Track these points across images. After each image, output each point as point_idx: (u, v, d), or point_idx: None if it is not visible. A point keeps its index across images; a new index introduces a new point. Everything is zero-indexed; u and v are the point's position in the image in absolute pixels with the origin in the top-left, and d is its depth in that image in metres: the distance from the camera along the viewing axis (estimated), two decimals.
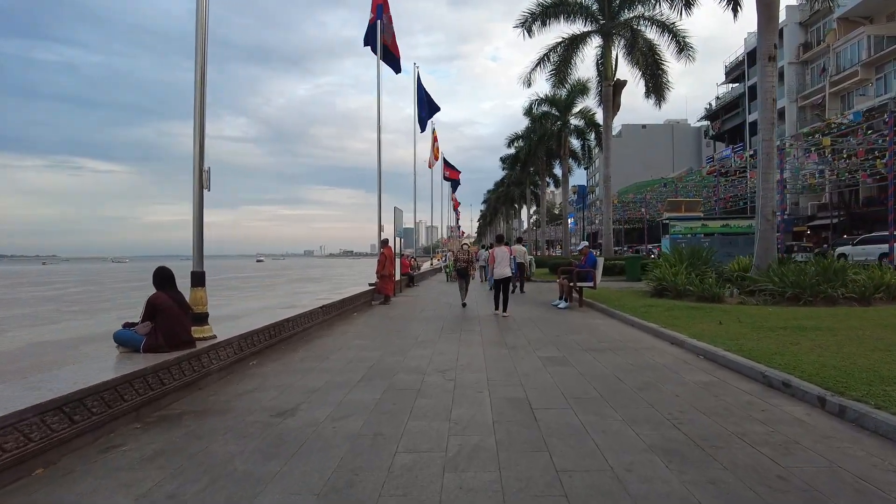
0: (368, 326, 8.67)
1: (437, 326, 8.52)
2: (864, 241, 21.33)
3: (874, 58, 33.70)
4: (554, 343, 6.76)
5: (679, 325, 7.30)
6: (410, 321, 9.30)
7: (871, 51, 34.10)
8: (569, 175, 34.09)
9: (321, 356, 6.19)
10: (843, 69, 36.39)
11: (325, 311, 8.64)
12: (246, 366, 5.63)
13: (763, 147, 10.72)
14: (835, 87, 36.90)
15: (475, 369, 5.30)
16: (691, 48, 20.71)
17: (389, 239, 14.18)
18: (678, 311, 8.66)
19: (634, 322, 8.17)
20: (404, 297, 14.80)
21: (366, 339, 7.31)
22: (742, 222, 14.39)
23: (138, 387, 3.86)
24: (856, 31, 35.62)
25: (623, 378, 4.83)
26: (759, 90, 10.89)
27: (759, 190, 10.83)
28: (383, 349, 6.54)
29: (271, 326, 6.47)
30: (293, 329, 7.20)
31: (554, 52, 23.37)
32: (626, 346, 6.51)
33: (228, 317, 7.18)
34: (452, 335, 7.58)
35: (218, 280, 42.48)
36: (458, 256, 11.94)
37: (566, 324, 8.61)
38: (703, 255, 11.99)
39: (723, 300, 9.74)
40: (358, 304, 11.13)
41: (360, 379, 4.98)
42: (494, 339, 7.21)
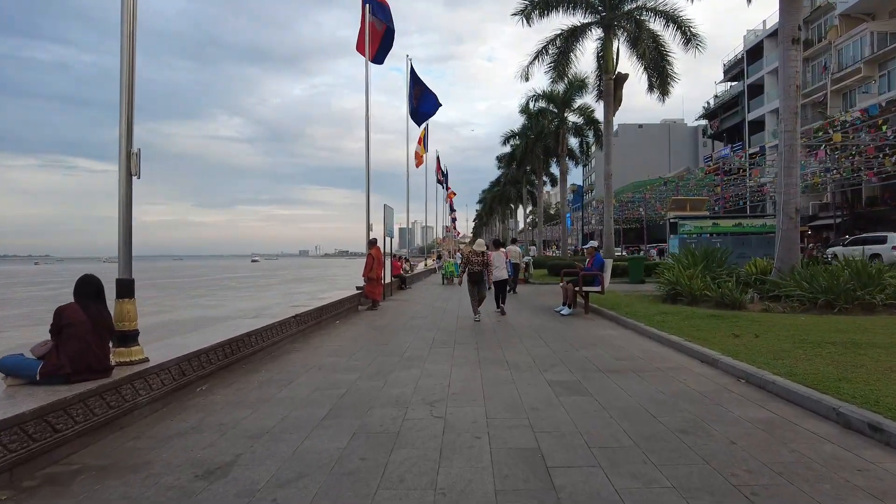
0: (349, 338, 7.63)
1: (427, 338, 7.50)
2: (854, 241, 20.59)
3: (878, 54, 33.01)
4: (563, 361, 5.76)
5: (705, 338, 6.33)
6: (398, 331, 8.28)
7: (875, 47, 33.42)
8: (567, 173, 33.14)
9: (285, 379, 5.15)
10: (845, 66, 35.70)
11: (299, 321, 7.59)
12: (191, 393, 4.59)
13: (785, 139, 9.78)
14: (837, 85, 36.22)
15: (471, 400, 4.29)
16: (699, 38, 19.82)
17: (378, 238, 13.15)
18: (698, 321, 7.69)
19: (652, 334, 7.19)
20: (395, 301, 13.77)
21: (343, 356, 6.28)
22: (755, 221, 13.48)
23: (8, 440, 2.82)
24: (858, 27, 34.94)
25: (658, 414, 3.84)
26: (781, 76, 9.95)
27: (781, 186, 9.89)
28: (361, 369, 5.51)
29: (228, 343, 5.43)
30: (257, 344, 6.16)
31: (552, 45, 22.42)
32: (649, 365, 5.52)
33: (214, 319, 6.13)
34: (444, 349, 6.56)
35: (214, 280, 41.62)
36: (470, 258, 9.55)
37: (574, 335, 7.61)
38: (718, 256, 11.04)
39: (745, 307, 8.79)
40: (342, 311, 10.09)
41: (325, 415, 3.96)
42: (493, 354, 6.20)
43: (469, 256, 9.64)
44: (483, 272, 9.54)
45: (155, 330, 10.76)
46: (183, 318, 13.80)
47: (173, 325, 11.86)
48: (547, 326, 8.43)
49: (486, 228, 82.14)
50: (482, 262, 9.52)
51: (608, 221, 22.03)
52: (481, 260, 9.52)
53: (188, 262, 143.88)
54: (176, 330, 9.94)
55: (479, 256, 9.54)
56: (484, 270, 9.54)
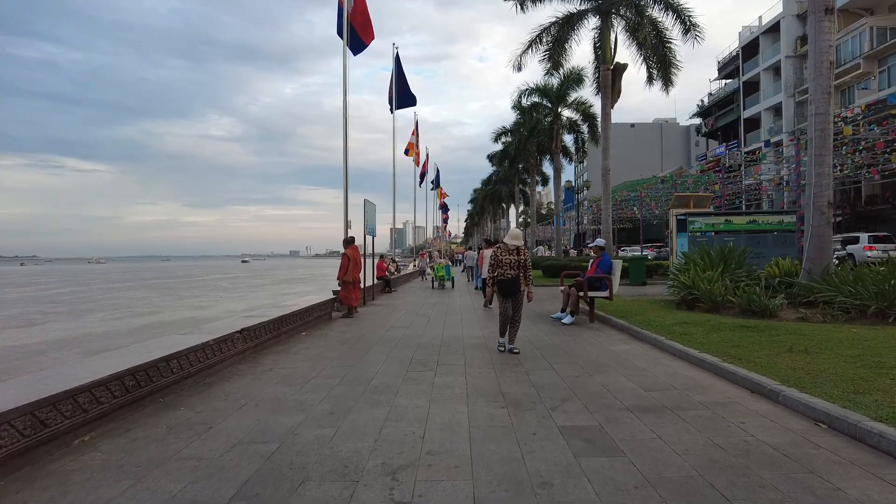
0: (309, 357, 6.27)
1: (405, 357, 6.17)
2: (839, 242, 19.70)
3: (877, 50, 32.24)
4: (576, 392, 4.45)
5: (747, 358, 5.07)
6: (371, 347, 6.93)
7: (874, 43, 32.66)
8: (561, 171, 31.96)
9: (205, 423, 3.80)
10: (844, 62, 34.93)
11: (248, 337, 6.22)
12: (61, 449, 3.24)
13: (816, 122, 8.59)
14: (835, 81, 35.39)
15: (452, 466, 2.96)
16: (698, 28, 18.73)
17: (357, 237, 11.79)
18: (727, 333, 6.45)
19: (676, 350, 5.92)
20: (376, 306, 12.42)
21: (293, 384, 4.93)
22: (771, 218, 12.31)
23: None
24: (857, 22, 34.18)
25: (731, 493, 2.55)
26: (812, 52, 8.77)
27: (812, 176, 8.70)
28: (311, 407, 4.17)
29: (130, 374, 4.06)
30: (183, 370, 4.79)
31: (547, 34, 21.22)
32: (688, 398, 4.23)
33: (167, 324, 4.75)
34: (424, 374, 5.23)
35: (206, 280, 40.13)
36: (500, 258, 6.32)
37: (583, 352, 6.32)
38: (737, 256, 9.83)
39: (775, 315, 7.57)
40: (310, 320, 8.72)
41: (231, 496, 2.62)
42: (485, 382, 4.88)
43: (498, 255, 6.32)
44: (519, 279, 6.26)
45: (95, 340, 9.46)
46: (131, 325, 12.40)
47: (114, 335, 10.42)
48: (549, 340, 7.13)
49: (478, 228, 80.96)
50: (518, 264, 6.26)
51: (606, 220, 20.87)
52: (517, 260, 6.26)
53: (175, 263, 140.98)
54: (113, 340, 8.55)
55: (513, 255, 6.28)
56: (521, 276, 6.27)
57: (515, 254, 6.31)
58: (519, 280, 6.25)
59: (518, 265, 6.26)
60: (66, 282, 40.92)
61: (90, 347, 9.87)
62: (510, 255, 6.30)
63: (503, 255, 6.31)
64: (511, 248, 6.35)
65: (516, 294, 6.30)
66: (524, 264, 6.28)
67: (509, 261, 6.27)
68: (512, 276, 6.23)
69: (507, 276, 6.24)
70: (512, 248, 6.35)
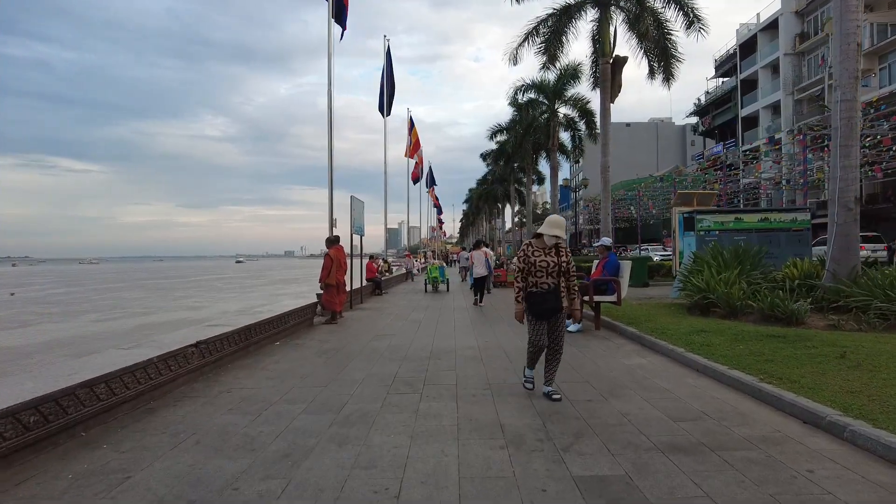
0: (276, 375, 5.44)
1: (387, 374, 5.35)
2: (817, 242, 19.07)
3: (877, 46, 31.80)
4: (591, 423, 3.65)
5: (788, 376, 4.30)
6: (351, 360, 6.10)
7: (874, 39, 32.21)
8: (558, 169, 31.21)
9: (121, 471, 2.97)
10: None
11: (204, 352, 5.37)
12: None
13: (842, 109, 7.85)
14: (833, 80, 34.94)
15: None
16: (702, 21, 18.02)
17: (345, 236, 10.96)
18: (755, 343, 5.68)
19: (701, 366, 5.14)
20: (363, 311, 11.59)
21: (249, 413, 4.10)
22: (784, 216, 11.61)
23: None
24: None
25: None
26: (837, 33, 8.03)
27: (837, 169, 7.96)
28: (262, 446, 3.34)
29: (28, 408, 3.22)
30: (114, 397, 3.94)
31: (544, 25, 20.44)
32: (728, 432, 3.44)
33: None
34: (408, 397, 4.42)
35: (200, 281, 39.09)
36: (531, 259, 4.26)
37: (593, 367, 5.52)
38: (753, 257, 9.09)
39: (803, 322, 6.81)
40: (286, 327, 7.89)
41: None
42: (481, 410, 4.06)
43: (529, 256, 4.27)
44: (559, 291, 4.26)
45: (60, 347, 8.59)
46: (110, 329, 11.52)
47: (106, 336, 9.51)
48: None
49: (473, 228, 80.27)
50: (559, 269, 4.26)
51: (606, 218, 20.12)
52: (556, 264, 4.23)
53: (169, 264, 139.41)
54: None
55: (550, 256, 4.25)
56: (561, 287, 4.30)
57: (554, 254, 4.22)
58: (559, 293, 4.22)
59: (558, 270, 4.22)
60: (59, 282, 39.86)
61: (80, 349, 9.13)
62: (546, 256, 4.21)
63: (536, 256, 4.21)
64: (548, 244, 4.23)
65: (556, 314, 4.24)
66: (567, 269, 4.27)
67: (545, 264, 4.19)
68: (549, 287, 4.19)
69: (541, 288, 4.19)
70: (549, 244, 4.22)
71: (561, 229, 4.24)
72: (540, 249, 4.29)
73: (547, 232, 4.23)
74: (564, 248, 4.32)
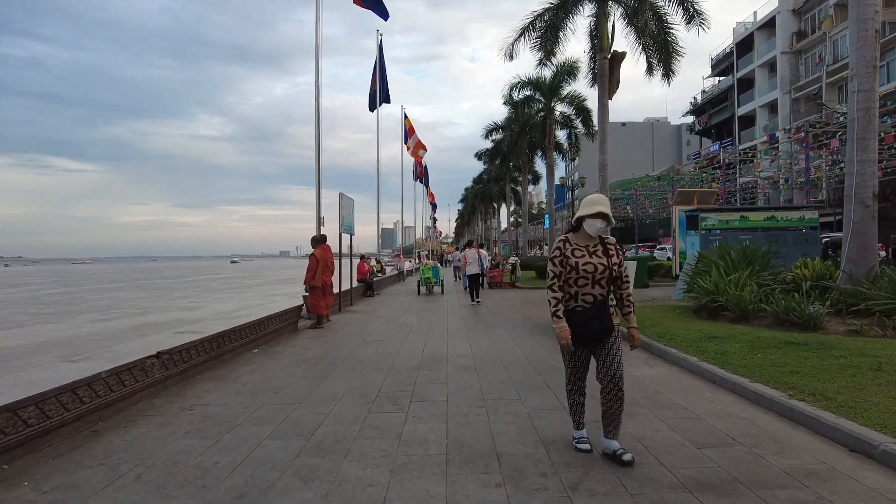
0: (247, 389, 4.89)
1: (371, 386, 4.82)
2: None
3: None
4: (602, 454, 3.14)
5: (820, 391, 3.82)
6: (332, 371, 5.57)
7: None
8: (554, 168, 30.78)
9: None
10: (841, 58, 34.19)
11: (168, 363, 4.80)
12: None
13: (859, 100, 7.39)
14: (832, 78, 34.69)
15: None
16: (703, 15, 17.57)
17: (332, 235, 10.41)
18: (774, 352, 5.19)
19: (718, 377, 4.63)
20: (352, 313, 11.04)
21: (207, 436, 3.55)
22: (791, 214, 11.17)
23: None
24: None
25: None
26: (854, 19, 7.57)
27: (853, 164, 7.50)
28: (213, 483, 2.80)
29: None
30: (46, 421, 3.39)
31: (540, 20, 19.97)
32: (763, 461, 2.93)
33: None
34: (392, 416, 3.89)
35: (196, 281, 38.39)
36: (571, 260, 2.99)
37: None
38: (762, 256, 8.63)
39: (820, 326, 6.34)
40: (267, 332, 7.33)
41: None
42: (475, 435, 3.53)
43: (566, 253, 3.01)
44: (608, 305, 3.02)
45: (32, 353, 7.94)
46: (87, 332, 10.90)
47: (102, 337, 8.90)
48: (552, 361, 5.81)
49: (469, 228, 79.82)
50: (609, 274, 3.00)
51: None
52: (605, 267, 2.99)
53: (164, 264, 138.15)
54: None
55: (597, 256, 3.01)
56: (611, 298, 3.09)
57: (602, 253, 2.99)
58: (608, 308, 2.99)
59: (608, 277, 2.97)
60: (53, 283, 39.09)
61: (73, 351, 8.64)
62: (592, 257, 2.96)
63: (578, 257, 2.97)
64: (591, 236, 3.02)
65: (607, 336, 3.00)
66: (619, 275, 3.04)
67: (590, 268, 2.94)
68: (595, 300, 2.95)
69: (583, 303, 2.96)
70: (593, 234, 3.01)
71: (606, 206, 2.96)
72: (582, 247, 2.99)
73: (588, 212, 2.94)
74: (614, 245, 3.08)
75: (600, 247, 3.06)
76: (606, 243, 3.08)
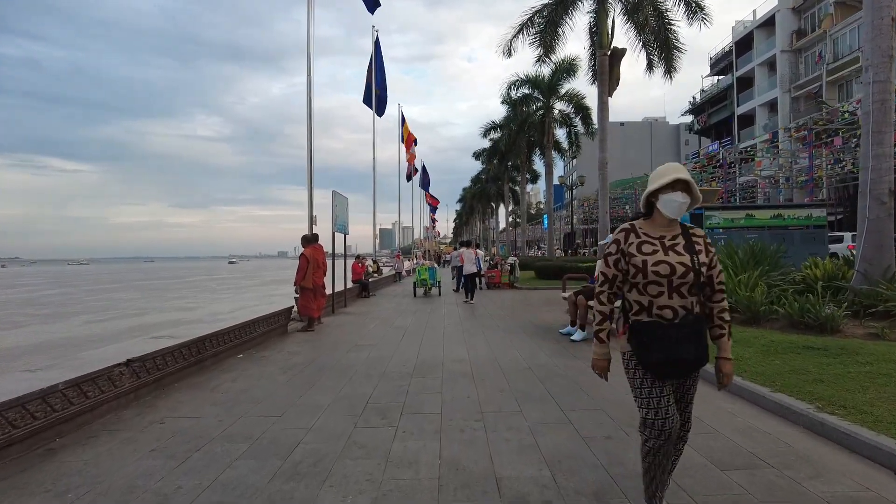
0: (227, 399, 4.52)
1: (358, 398, 4.46)
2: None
3: None
4: (614, 475, 2.77)
5: (851, 403, 3.48)
6: (319, 378, 5.20)
7: None
8: (553, 167, 30.46)
9: None
10: (841, 56, 33.97)
11: (139, 371, 4.43)
12: None
13: (875, 92, 7.06)
14: (832, 76, 34.45)
15: None
16: (705, 10, 17.26)
17: (326, 234, 10.04)
18: (792, 358, 4.85)
19: (734, 386, 4.28)
20: (346, 315, 10.67)
21: (174, 456, 3.19)
22: (798, 212, 10.85)
23: None
24: (855, 15, 33.18)
25: None
26: (868, 7, 7.25)
27: (868, 159, 7.18)
28: None
29: None
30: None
31: (539, 16, 19.67)
32: (797, 487, 2.58)
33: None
34: (378, 435, 3.52)
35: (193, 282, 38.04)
36: (642, 262, 2.09)
37: (605, 388, 4.62)
38: (770, 256, 8.29)
39: (838, 329, 6.00)
40: (254, 336, 6.96)
41: None
42: (471, 456, 3.17)
43: (635, 255, 2.12)
44: (701, 321, 2.12)
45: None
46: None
47: (98, 338, 8.51)
48: (557, 368, 5.46)
49: (467, 228, 79.47)
50: (696, 275, 2.07)
51: (604, 216, 19.36)
52: (694, 271, 2.07)
53: (161, 265, 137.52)
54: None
55: (677, 250, 2.10)
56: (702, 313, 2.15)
57: (684, 247, 2.11)
58: (704, 327, 2.13)
59: (693, 279, 2.07)
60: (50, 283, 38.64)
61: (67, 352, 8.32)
62: (669, 252, 2.10)
63: (648, 252, 2.11)
64: (670, 227, 2.18)
65: (697, 368, 2.16)
66: (709, 278, 2.16)
67: (667, 269, 2.07)
68: (678, 313, 2.08)
69: (661, 316, 2.09)
70: (672, 226, 2.18)
71: (686, 173, 2.11)
72: (654, 239, 2.12)
73: (662, 182, 2.08)
74: (703, 237, 2.17)
75: (682, 239, 2.13)
76: (692, 234, 2.16)
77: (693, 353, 2.05)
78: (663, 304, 2.08)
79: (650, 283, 2.08)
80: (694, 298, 2.09)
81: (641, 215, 2.26)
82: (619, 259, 2.17)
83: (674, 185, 2.11)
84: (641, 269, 2.09)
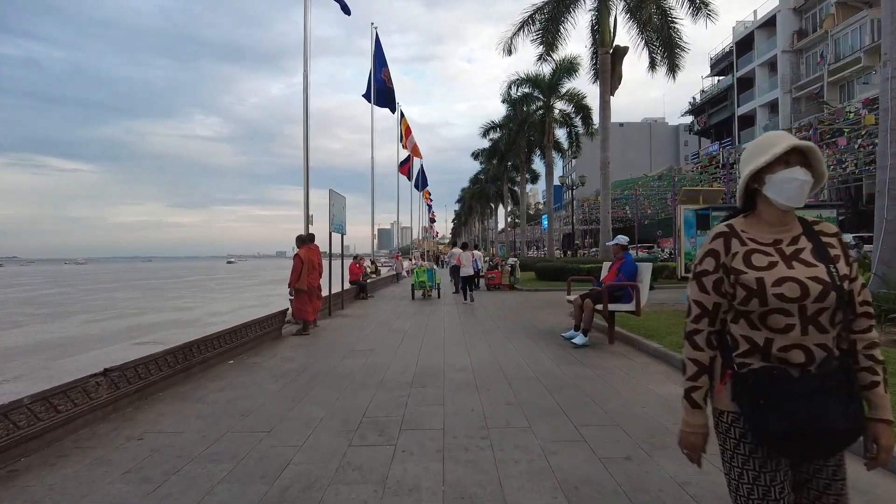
0: (212, 411, 4.22)
1: (354, 410, 4.15)
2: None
3: (878, 43, 31.09)
4: (637, 503, 2.49)
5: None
6: (312, 388, 4.90)
7: (875, 36, 31.59)
8: (553, 167, 30.19)
9: None
10: (843, 56, 33.82)
11: (118, 381, 4.12)
12: None
13: (893, 88, 6.79)
14: (833, 76, 34.29)
15: None
16: (709, 6, 16.99)
17: (323, 234, 9.73)
18: None
19: None
20: (343, 318, 10.36)
21: (149, 479, 2.88)
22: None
23: None
24: (857, 15, 33.13)
25: None
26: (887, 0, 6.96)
27: (886, 157, 6.92)
28: None
29: None
30: None
31: (540, 13, 19.41)
32: None
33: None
34: (374, 455, 3.22)
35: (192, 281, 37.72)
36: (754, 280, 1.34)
37: (617, 399, 4.35)
38: None
39: None
40: (246, 341, 6.65)
41: None
42: (478, 480, 2.86)
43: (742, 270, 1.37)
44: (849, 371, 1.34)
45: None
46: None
47: (96, 339, 8.18)
48: (564, 377, 5.15)
49: (465, 229, 79.18)
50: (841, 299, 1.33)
51: (606, 216, 19.14)
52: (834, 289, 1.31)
53: (159, 265, 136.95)
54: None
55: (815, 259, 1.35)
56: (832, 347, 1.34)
57: (812, 252, 1.38)
58: (853, 380, 1.34)
59: (835, 301, 1.33)
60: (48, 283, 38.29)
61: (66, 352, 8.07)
62: (792, 262, 1.36)
63: (761, 266, 1.37)
64: (784, 223, 1.42)
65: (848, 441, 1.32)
66: (852, 297, 1.40)
67: (794, 289, 1.32)
68: (814, 357, 1.33)
69: (792, 360, 1.33)
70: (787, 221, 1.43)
71: (798, 141, 1.40)
72: (766, 245, 1.41)
73: (775, 153, 1.38)
74: (836, 235, 1.43)
75: (806, 240, 1.41)
76: (820, 233, 1.43)
77: (841, 420, 1.28)
78: (791, 342, 1.33)
79: (772, 311, 1.34)
80: (835, 332, 1.36)
81: (735, 212, 1.54)
82: (720, 280, 1.43)
83: (788, 159, 1.39)
84: (757, 293, 1.35)
